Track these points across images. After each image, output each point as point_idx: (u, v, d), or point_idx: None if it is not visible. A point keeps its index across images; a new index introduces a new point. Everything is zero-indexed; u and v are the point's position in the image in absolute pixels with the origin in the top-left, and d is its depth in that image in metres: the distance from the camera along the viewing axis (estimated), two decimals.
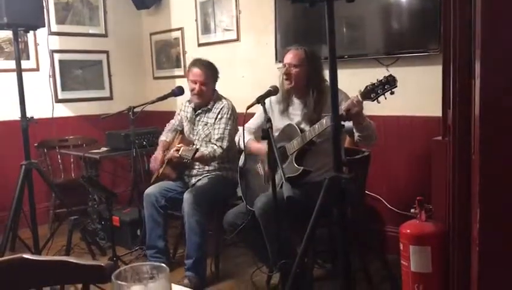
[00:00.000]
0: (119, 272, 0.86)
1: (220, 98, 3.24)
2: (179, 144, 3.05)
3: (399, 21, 3.18)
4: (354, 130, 2.40)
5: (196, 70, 3.17)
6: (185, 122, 3.38)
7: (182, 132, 3.41)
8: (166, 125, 3.54)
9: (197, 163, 3.16)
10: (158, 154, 3.32)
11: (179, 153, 2.82)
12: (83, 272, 1.17)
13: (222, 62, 3.45)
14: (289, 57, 2.65)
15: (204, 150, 3.05)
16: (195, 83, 3.16)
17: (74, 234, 3.26)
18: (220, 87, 3.33)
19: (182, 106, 3.42)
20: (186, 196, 2.98)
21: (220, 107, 3.17)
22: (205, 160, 3.05)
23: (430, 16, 2.97)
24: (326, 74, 2.55)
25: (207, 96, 3.20)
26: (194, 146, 2.90)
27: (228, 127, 3.13)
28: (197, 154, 2.79)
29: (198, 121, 3.26)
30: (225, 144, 3.10)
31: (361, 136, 2.41)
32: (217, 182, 3.14)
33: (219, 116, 3.16)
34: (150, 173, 3.40)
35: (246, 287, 2.99)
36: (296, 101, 2.71)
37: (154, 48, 5.09)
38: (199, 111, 3.26)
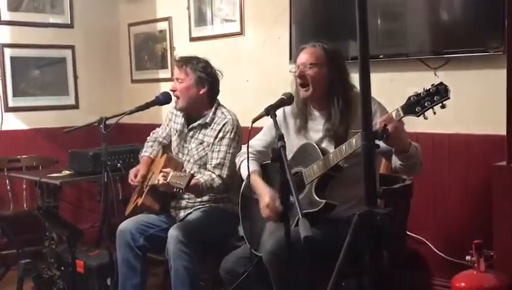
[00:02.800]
0: None
1: (221, 111, 3.26)
2: (163, 167, 3.05)
3: (450, 10, 3.20)
4: (395, 158, 2.40)
5: (179, 66, 3.24)
6: (173, 136, 3.41)
7: (166, 148, 3.43)
8: (150, 134, 3.58)
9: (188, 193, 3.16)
10: (142, 169, 3.34)
11: (168, 179, 2.79)
12: None
13: (221, 62, 3.47)
14: (303, 57, 2.65)
15: (200, 177, 3.03)
16: (177, 81, 3.23)
17: (25, 282, 3.26)
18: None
19: (171, 114, 3.45)
20: (172, 233, 2.98)
21: (222, 123, 3.19)
22: (199, 191, 3.03)
23: (490, 4, 2.99)
24: (353, 78, 2.61)
25: (191, 102, 3.22)
26: (188, 171, 2.89)
27: (230, 150, 3.14)
28: (192, 182, 2.78)
29: (192, 137, 3.28)
30: (225, 172, 3.11)
31: (403, 165, 2.41)
32: (213, 217, 3.15)
33: (220, 134, 3.17)
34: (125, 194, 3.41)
35: None
36: (317, 114, 2.71)
37: (133, 43, 5.14)
38: (194, 125, 3.27)
